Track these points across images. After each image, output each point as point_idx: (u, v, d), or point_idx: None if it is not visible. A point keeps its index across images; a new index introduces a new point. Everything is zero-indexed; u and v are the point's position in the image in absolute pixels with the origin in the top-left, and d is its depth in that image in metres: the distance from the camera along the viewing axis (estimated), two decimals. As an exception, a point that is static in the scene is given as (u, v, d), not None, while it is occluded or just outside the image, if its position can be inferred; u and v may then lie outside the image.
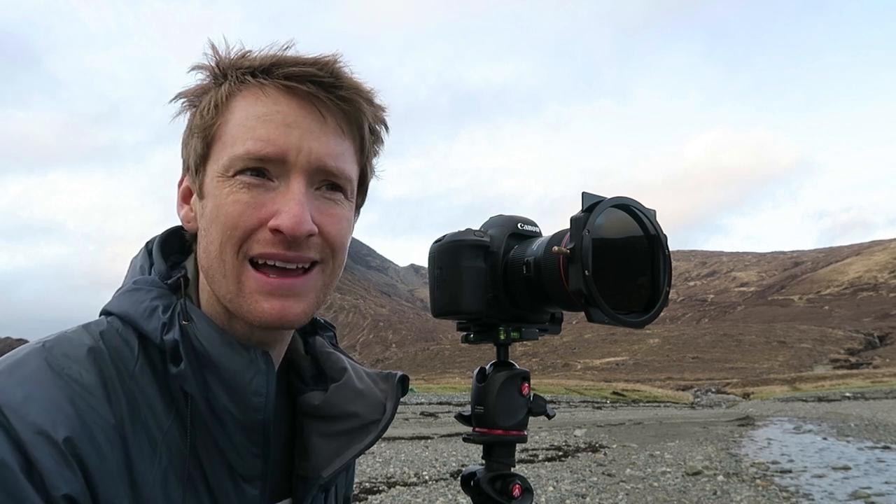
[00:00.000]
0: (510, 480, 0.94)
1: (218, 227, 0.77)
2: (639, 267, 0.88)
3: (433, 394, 49.75)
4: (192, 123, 0.80)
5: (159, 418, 0.74)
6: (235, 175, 0.76)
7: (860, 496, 10.01)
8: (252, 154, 0.75)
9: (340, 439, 0.88)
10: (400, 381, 0.92)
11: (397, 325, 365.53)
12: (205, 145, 0.79)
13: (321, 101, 0.78)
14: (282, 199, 0.76)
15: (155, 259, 0.85)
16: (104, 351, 0.74)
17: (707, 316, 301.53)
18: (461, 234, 0.94)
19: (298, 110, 0.77)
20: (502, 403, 0.94)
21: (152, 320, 0.77)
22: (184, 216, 0.85)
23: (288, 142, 0.76)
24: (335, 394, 0.89)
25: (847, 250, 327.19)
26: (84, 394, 0.70)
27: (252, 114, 0.77)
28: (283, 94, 0.77)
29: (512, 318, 0.95)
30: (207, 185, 0.79)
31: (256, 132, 0.76)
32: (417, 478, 11.13)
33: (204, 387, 0.76)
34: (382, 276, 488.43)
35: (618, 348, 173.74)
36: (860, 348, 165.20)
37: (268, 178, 0.76)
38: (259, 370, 0.78)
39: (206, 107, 0.79)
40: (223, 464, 0.78)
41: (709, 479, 11.14)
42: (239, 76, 0.79)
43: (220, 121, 0.78)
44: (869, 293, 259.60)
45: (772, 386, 73.14)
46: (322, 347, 0.94)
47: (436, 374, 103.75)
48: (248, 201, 0.75)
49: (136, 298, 0.79)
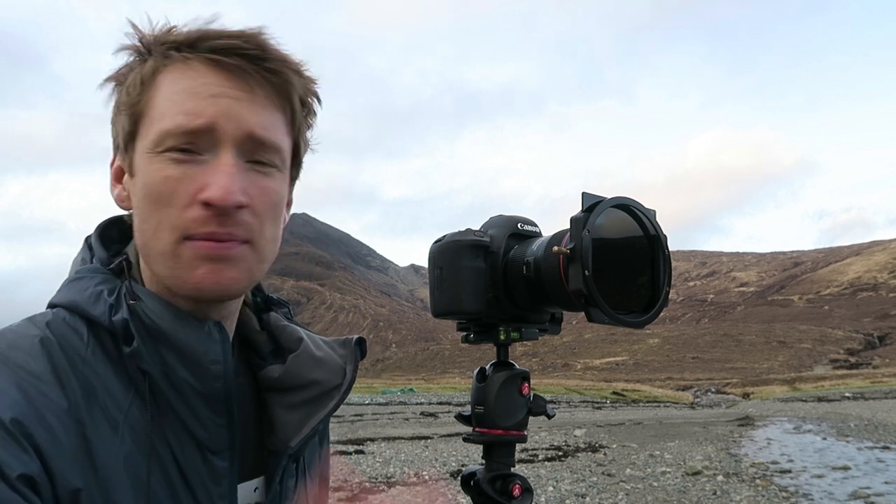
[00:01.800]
0: (510, 480, 0.94)
1: (150, 205, 0.75)
2: (639, 267, 0.88)
3: (433, 394, 49.77)
4: (119, 101, 0.79)
5: (118, 399, 0.73)
6: (164, 151, 0.74)
7: (860, 496, 10.01)
8: (181, 128, 0.74)
9: (304, 408, 0.87)
10: (357, 344, 0.91)
11: (397, 325, 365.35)
12: (132, 122, 0.77)
13: (248, 73, 0.76)
14: (211, 171, 0.74)
15: (95, 248, 0.83)
16: (52, 339, 0.73)
17: (707, 316, 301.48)
18: (461, 234, 0.94)
19: (225, 82, 0.76)
20: (502, 403, 0.94)
21: (98, 304, 0.76)
22: (117, 196, 0.83)
23: (216, 111, 0.74)
24: (294, 364, 0.89)
25: (847, 250, 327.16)
26: (32, 380, 0.68)
27: (178, 88, 0.75)
28: (210, 67, 0.76)
29: (512, 318, 0.95)
30: (137, 162, 0.77)
31: (184, 106, 0.74)
32: (417, 478, 11.13)
33: (160, 362, 0.75)
34: (382, 276, 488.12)
35: (618, 348, 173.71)
36: (860, 348, 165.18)
37: (196, 153, 0.75)
38: (213, 339, 0.77)
39: (131, 83, 0.77)
40: (189, 438, 0.77)
41: (708, 479, 11.14)
42: (163, 52, 0.77)
43: (146, 97, 0.76)
44: (869, 293, 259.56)
45: (771, 386, 73.17)
46: (276, 321, 0.93)
47: (436, 374, 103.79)
48: (177, 176, 0.74)
49: (80, 286, 0.78)
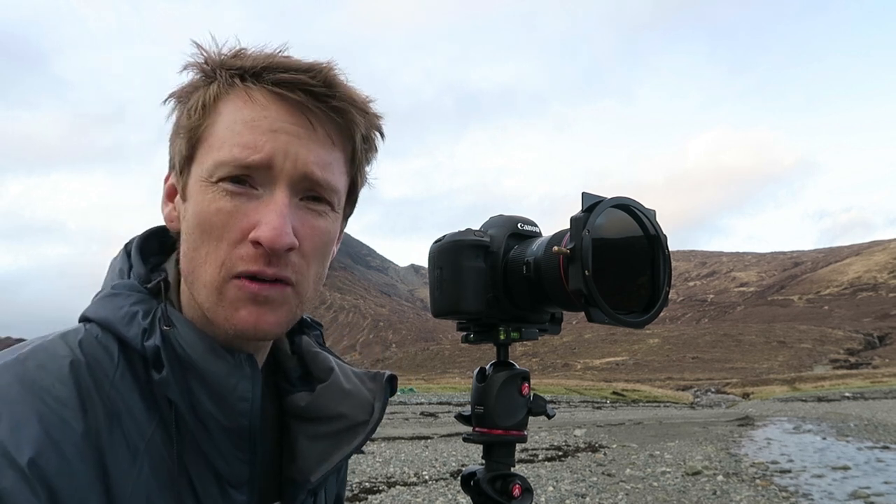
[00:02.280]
0: (510, 480, 0.93)
1: (201, 235, 0.74)
2: (639, 267, 0.88)
3: (433, 394, 49.75)
4: (179, 123, 0.78)
5: (141, 425, 0.72)
6: (219, 181, 0.73)
7: (859, 496, 10.01)
8: (237, 161, 0.72)
9: (328, 441, 0.86)
10: (388, 381, 0.90)
11: (397, 325, 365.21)
12: (190, 146, 0.76)
13: (311, 110, 0.75)
14: (263, 208, 0.73)
15: (134, 262, 0.81)
16: (81, 361, 0.71)
17: (707, 316, 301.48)
18: (461, 234, 0.94)
19: (287, 117, 0.74)
20: (502, 403, 0.94)
21: (132, 326, 0.74)
22: (167, 215, 0.82)
23: (274, 147, 0.73)
24: (322, 394, 0.87)
25: (847, 250, 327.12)
26: (56, 406, 0.67)
27: (238, 118, 0.74)
28: (272, 99, 0.74)
29: (512, 318, 0.95)
30: (191, 187, 0.76)
31: (243, 138, 0.73)
32: (417, 478, 11.13)
33: (187, 393, 0.73)
34: (382, 276, 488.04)
35: (618, 348, 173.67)
36: (860, 348, 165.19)
37: (251, 186, 0.73)
38: (244, 375, 0.75)
39: (193, 107, 0.76)
40: (209, 470, 0.75)
41: (708, 479, 11.14)
42: (228, 78, 0.75)
43: (206, 122, 0.75)
44: (868, 293, 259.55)
45: (771, 386, 73.13)
46: (308, 347, 0.91)
47: (436, 374, 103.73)
48: (230, 210, 0.72)
49: (115, 304, 0.76)
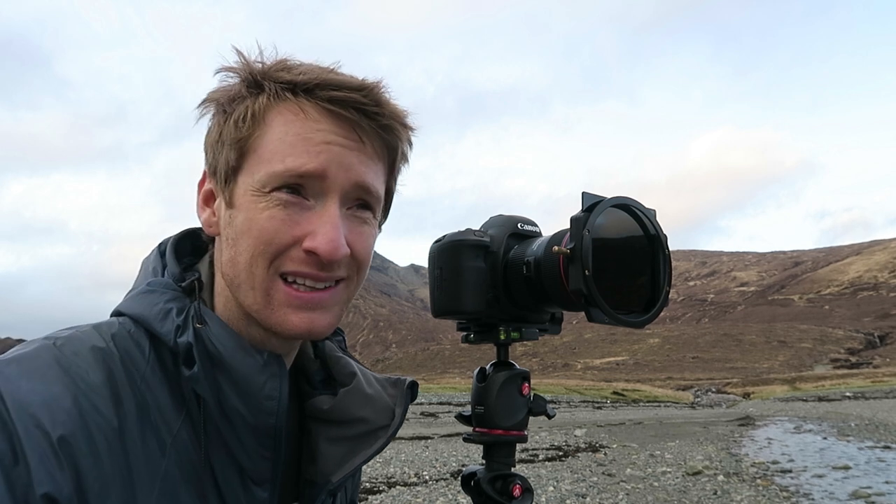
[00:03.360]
0: (510, 480, 0.94)
1: (250, 241, 0.77)
2: (639, 267, 0.88)
3: (433, 394, 49.69)
4: (224, 131, 0.79)
5: (169, 420, 0.74)
6: (272, 191, 0.76)
7: (860, 496, 10.00)
8: (292, 171, 0.75)
9: (349, 444, 0.88)
10: (409, 388, 0.92)
11: (397, 325, 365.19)
12: (238, 156, 0.78)
13: (362, 126, 0.78)
14: (317, 219, 0.76)
15: (168, 261, 0.85)
16: (114, 353, 0.74)
17: (707, 316, 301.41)
18: (461, 234, 0.94)
19: (339, 131, 0.78)
20: (502, 403, 0.94)
21: (166, 322, 0.77)
22: (205, 220, 0.84)
23: (328, 160, 0.76)
24: (344, 398, 0.90)
25: (847, 250, 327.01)
26: (90, 392, 0.69)
27: (292, 130, 0.77)
28: (325, 115, 0.77)
29: (512, 318, 0.95)
30: (239, 196, 0.78)
31: (297, 149, 0.76)
32: (417, 478, 11.13)
33: (216, 390, 0.76)
34: (382, 276, 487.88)
35: (618, 348, 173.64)
36: (860, 348, 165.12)
37: (303, 197, 0.77)
38: (272, 374, 0.78)
39: (241, 117, 0.78)
40: (234, 466, 0.78)
41: (709, 479, 11.14)
42: (278, 90, 0.78)
43: (256, 133, 0.77)
44: (869, 293, 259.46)
45: (772, 386, 73.10)
46: (332, 352, 0.95)
47: (436, 374, 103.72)
48: (283, 219, 0.76)
49: (150, 300, 0.79)
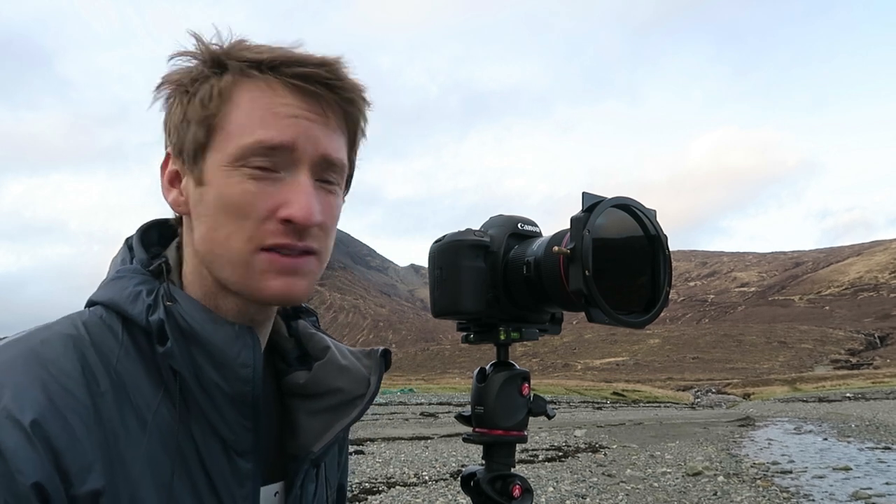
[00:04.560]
0: (510, 481, 0.94)
1: (225, 216, 0.78)
2: (639, 267, 0.88)
3: (433, 394, 49.77)
4: (189, 111, 0.80)
5: (147, 398, 0.75)
6: (243, 166, 0.77)
7: (861, 497, 10.00)
8: (263, 143, 0.76)
9: (327, 415, 0.90)
10: (382, 356, 0.94)
11: (397, 325, 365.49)
12: (207, 133, 0.79)
13: (325, 99, 0.80)
14: (289, 190, 0.77)
15: (136, 250, 0.86)
16: (86, 338, 0.75)
17: (707, 316, 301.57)
18: (461, 234, 0.94)
19: (304, 105, 0.79)
20: (502, 404, 0.94)
21: (137, 304, 0.78)
22: (173, 200, 0.85)
23: (297, 133, 0.78)
24: (319, 371, 0.91)
25: (848, 250, 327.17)
26: (60, 376, 0.71)
27: (260, 105, 0.78)
28: (290, 90, 0.79)
29: (512, 318, 0.95)
30: (209, 173, 0.79)
31: (266, 123, 0.77)
32: (417, 478, 11.12)
33: (192, 363, 0.77)
34: (382, 276, 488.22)
35: (618, 348, 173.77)
36: (861, 349, 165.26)
37: (273, 171, 0.78)
38: (245, 343, 0.79)
39: (207, 95, 0.79)
40: (216, 439, 0.79)
41: (709, 480, 11.14)
42: (243, 68, 0.79)
43: (224, 110, 0.78)
44: (870, 293, 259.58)
45: (772, 386, 73.22)
46: (305, 329, 0.96)
47: (436, 374, 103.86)
48: (256, 191, 0.77)
49: (120, 286, 0.81)
